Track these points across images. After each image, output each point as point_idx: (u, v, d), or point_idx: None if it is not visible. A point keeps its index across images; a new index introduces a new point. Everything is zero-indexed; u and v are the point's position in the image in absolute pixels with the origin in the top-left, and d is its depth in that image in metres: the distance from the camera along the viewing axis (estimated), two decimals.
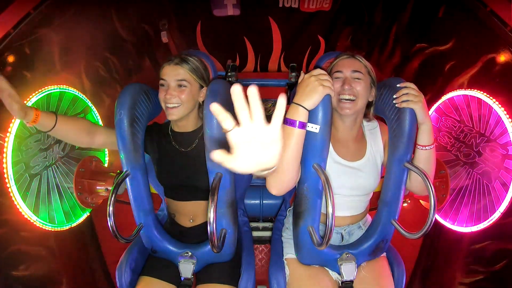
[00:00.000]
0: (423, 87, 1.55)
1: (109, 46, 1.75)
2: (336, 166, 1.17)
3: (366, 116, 1.24)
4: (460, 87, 1.46)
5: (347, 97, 1.09)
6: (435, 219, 1.27)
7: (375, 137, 1.24)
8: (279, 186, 1.02)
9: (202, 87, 1.21)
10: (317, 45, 2.59)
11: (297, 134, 0.98)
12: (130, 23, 1.87)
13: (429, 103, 1.64)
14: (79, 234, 1.52)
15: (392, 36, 2.06)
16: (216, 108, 0.58)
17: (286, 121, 0.99)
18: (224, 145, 0.59)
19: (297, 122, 0.97)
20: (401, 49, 2.00)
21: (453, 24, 1.52)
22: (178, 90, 1.15)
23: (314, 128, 1.00)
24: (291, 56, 2.65)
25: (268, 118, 0.57)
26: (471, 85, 1.42)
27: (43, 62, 1.29)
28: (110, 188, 1.45)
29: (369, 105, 1.20)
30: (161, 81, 1.17)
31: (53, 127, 1.07)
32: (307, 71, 1.01)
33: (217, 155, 0.57)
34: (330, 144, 1.15)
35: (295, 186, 1.25)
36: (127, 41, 1.91)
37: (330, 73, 1.16)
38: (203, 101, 1.21)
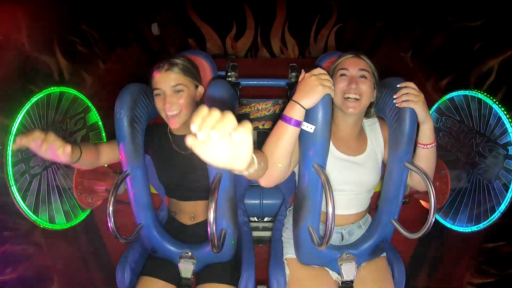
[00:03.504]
0: (446, 66, 1.38)
1: (86, 17, 1.58)
2: (337, 162, 1.17)
3: (366, 115, 1.24)
4: (490, 70, 1.32)
5: (352, 96, 1.09)
6: (435, 219, 1.27)
7: (375, 133, 1.24)
8: (267, 178, 1.03)
9: (197, 86, 1.20)
10: (328, 12, 2.28)
11: (291, 132, 0.98)
12: None
13: (452, 86, 1.48)
14: (80, 234, 1.52)
15: (413, 5, 1.84)
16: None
17: (282, 117, 0.99)
18: None
19: (293, 120, 0.97)
20: (423, 21, 1.79)
21: None
22: (176, 96, 1.12)
23: (309, 128, 1.01)
24: (297, 25, 2.34)
25: (268, 118, 0.57)
26: (500, 70, 1.28)
27: (8, 41, 1.16)
28: (110, 188, 1.45)
29: (370, 105, 1.20)
30: (156, 91, 1.13)
31: (79, 158, 1.07)
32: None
33: (191, 141, 0.56)
34: (331, 142, 1.16)
35: (295, 186, 1.26)
36: (107, 10, 1.74)
37: (333, 72, 1.17)
38: (200, 101, 1.20)
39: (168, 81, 1.12)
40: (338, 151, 1.18)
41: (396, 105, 1.10)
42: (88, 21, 1.61)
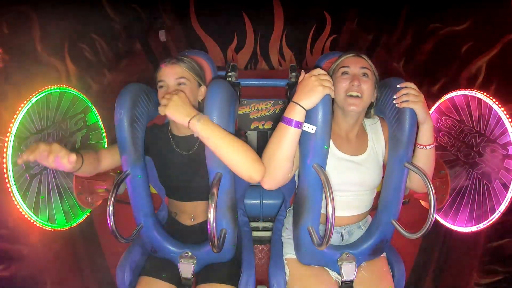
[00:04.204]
0: (437, 70, 1.44)
1: (96, 27, 1.65)
2: (338, 162, 1.17)
3: (366, 115, 1.24)
4: (478, 71, 1.38)
5: (354, 94, 1.09)
6: (435, 219, 1.27)
7: (376, 132, 1.24)
8: (271, 181, 1.05)
9: (200, 85, 1.22)
10: (323, 23, 2.41)
11: (292, 133, 0.98)
12: (119, 2, 1.79)
13: (444, 90, 1.53)
14: (80, 234, 1.52)
15: (403, 16, 1.91)
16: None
17: (283, 119, 0.99)
18: None
19: (293, 122, 0.97)
20: (412, 30, 1.86)
21: (470, 1, 1.43)
22: (178, 89, 1.15)
23: (310, 128, 1.00)
24: (294, 35, 2.47)
25: (268, 118, 0.58)
26: (488, 69, 1.33)
27: (22, 42, 1.22)
28: (110, 188, 1.45)
29: (370, 105, 1.20)
30: (160, 83, 1.17)
31: (81, 166, 1.06)
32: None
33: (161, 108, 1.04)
34: (332, 141, 1.16)
35: (295, 186, 1.25)
36: (116, 22, 1.81)
37: (334, 70, 1.17)
38: (202, 100, 1.21)
39: (172, 74, 1.15)
40: (339, 151, 1.18)
41: (396, 105, 1.10)
42: (97, 30, 1.67)
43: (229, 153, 1.01)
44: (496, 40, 1.29)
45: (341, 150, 1.18)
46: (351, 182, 1.18)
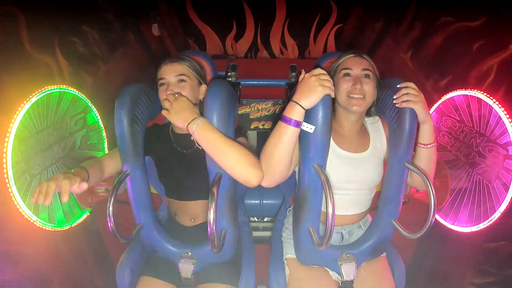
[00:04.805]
0: (445, 66, 1.42)
1: (86, 18, 1.63)
2: (340, 160, 1.17)
3: (367, 114, 1.25)
4: (489, 70, 1.34)
5: (356, 96, 1.11)
6: (435, 219, 1.27)
7: (377, 130, 1.25)
8: (269, 179, 1.05)
9: (200, 83, 1.22)
10: (328, 12, 2.34)
11: (291, 132, 0.99)
12: None
13: (451, 86, 1.50)
14: (79, 235, 1.52)
15: (412, 6, 1.88)
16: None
17: (282, 118, 1.00)
18: None
19: (292, 121, 0.97)
20: (422, 22, 1.82)
21: None
22: (179, 86, 1.16)
23: (309, 128, 1.01)
24: (297, 25, 2.41)
25: (268, 118, 0.58)
26: (500, 70, 1.30)
27: (8, 41, 1.19)
28: (110, 188, 1.45)
29: (371, 104, 1.20)
30: (161, 81, 1.18)
31: (87, 180, 1.05)
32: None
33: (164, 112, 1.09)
34: (333, 140, 1.17)
35: (295, 186, 1.25)
36: (107, 11, 1.79)
37: (335, 71, 1.17)
38: (203, 99, 1.21)
39: (173, 71, 1.17)
40: (340, 149, 1.18)
41: (396, 105, 1.10)
42: (89, 21, 1.64)
43: (224, 158, 1.02)
44: (510, 40, 1.26)
45: (342, 148, 1.18)
46: (353, 179, 1.18)
